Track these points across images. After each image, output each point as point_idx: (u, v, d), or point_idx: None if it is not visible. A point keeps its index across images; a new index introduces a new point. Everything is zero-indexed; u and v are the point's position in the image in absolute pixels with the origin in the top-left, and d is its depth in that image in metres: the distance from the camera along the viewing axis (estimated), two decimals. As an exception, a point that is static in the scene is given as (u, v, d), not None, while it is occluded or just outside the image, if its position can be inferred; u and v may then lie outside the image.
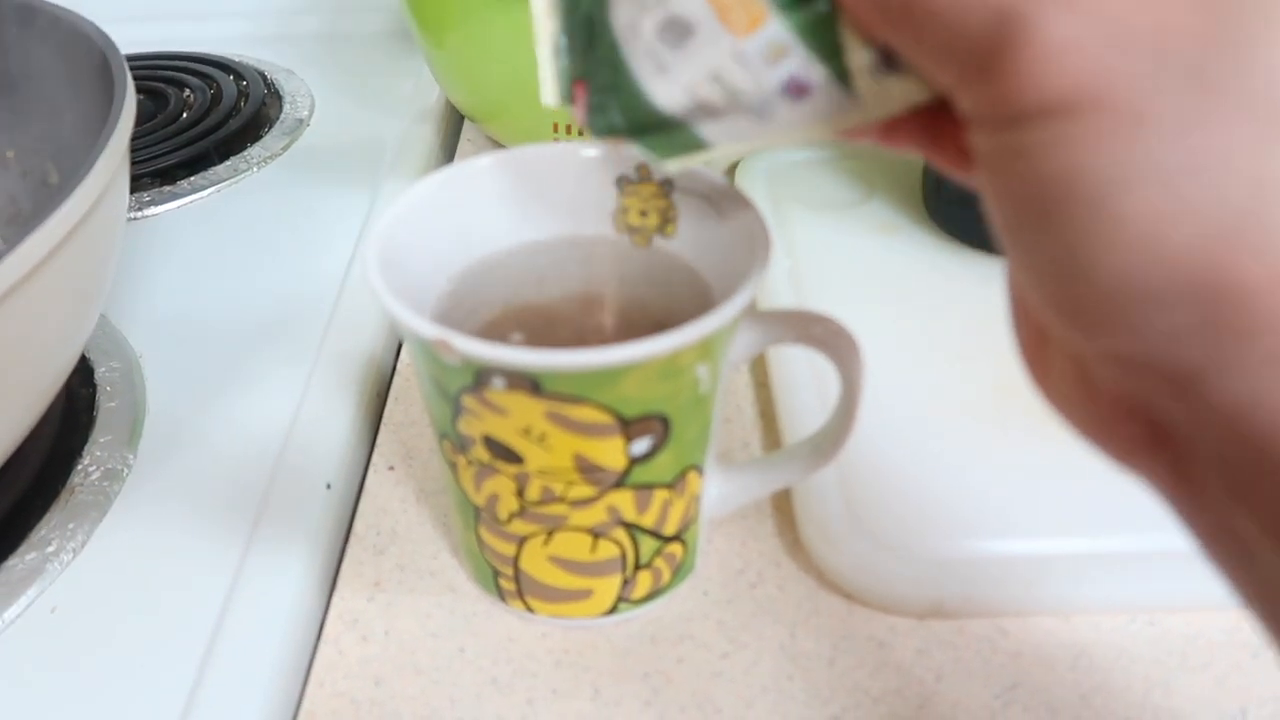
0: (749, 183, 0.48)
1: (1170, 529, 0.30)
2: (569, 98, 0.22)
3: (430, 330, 0.22)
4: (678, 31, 0.19)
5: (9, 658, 0.28)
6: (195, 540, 0.31)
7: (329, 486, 0.33)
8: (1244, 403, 0.14)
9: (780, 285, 0.41)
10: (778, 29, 0.18)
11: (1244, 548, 0.15)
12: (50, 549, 0.31)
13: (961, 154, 0.19)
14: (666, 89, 0.20)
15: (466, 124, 0.57)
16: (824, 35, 0.18)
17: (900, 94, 0.18)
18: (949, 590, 0.29)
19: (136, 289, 0.43)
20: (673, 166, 0.21)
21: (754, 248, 0.24)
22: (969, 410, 0.35)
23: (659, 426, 0.24)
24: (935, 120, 0.19)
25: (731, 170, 0.50)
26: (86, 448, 0.35)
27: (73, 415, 0.36)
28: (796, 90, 0.19)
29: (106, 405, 0.37)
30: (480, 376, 0.22)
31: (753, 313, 0.25)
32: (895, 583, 0.29)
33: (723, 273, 0.26)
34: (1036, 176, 0.15)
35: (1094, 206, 0.14)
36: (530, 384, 0.22)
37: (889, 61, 0.18)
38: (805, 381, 0.35)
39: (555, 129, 0.47)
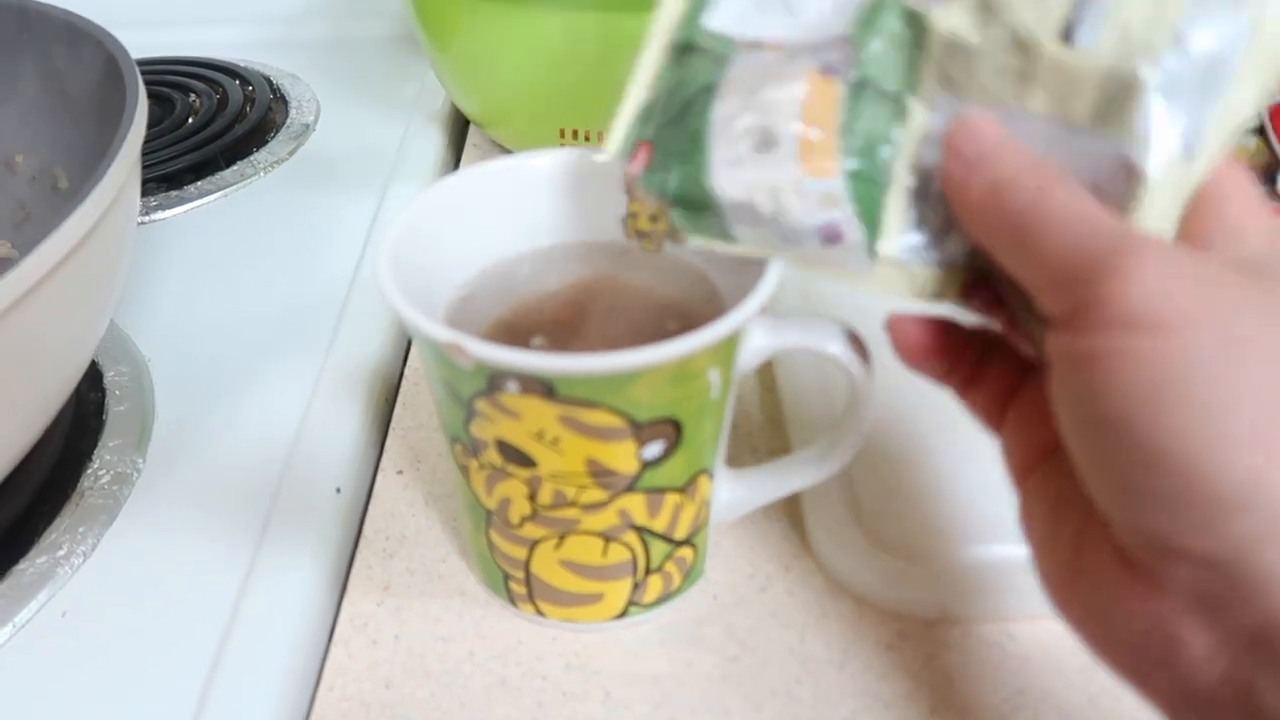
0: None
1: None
2: (628, 154, 0.24)
3: (444, 334, 0.22)
4: (764, 141, 0.22)
5: (20, 662, 0.28)
6: (205, 543, 0.31)
7: (338, 490, 0.33)
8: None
9: (789, 286, 0.41)
10: (839, 186, 0.21)
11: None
12: (60, 553, 0.31)
13: (993, 404, 0.23)
14: (729, 180, 0.22)
15: (472, 129, 0.57)
16: (874, 210, 0.21)
17: (910, 284, 0.22)
18: (958, 595, 0.29)
19: (144, 294, 0.43)
20: (695, 243, 0.24)
21: (765, 253, 0.25)
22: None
23: (671, 431, 0.24)
24: (977, 371, 0.23)
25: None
26: (96, 452, 0.35)
27: (82, 419, 0.36)
28: (829, 236, 0.22)
29: (115, 409, 0.37)
30: (493, 380, 0.22)
31: (764, 317, 0.25)
32: (904, 587, 0.29)
33: (734, 277, 0.27)
34: (1119, 380, 0.17)
35: (1164, 413, 0.16)
36: (544, 388, 0.22)
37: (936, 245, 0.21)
38: (813, 386, 0.36)
39: (562, 134, 0.47)
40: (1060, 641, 0.28)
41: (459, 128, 0.58)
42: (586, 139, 0.47)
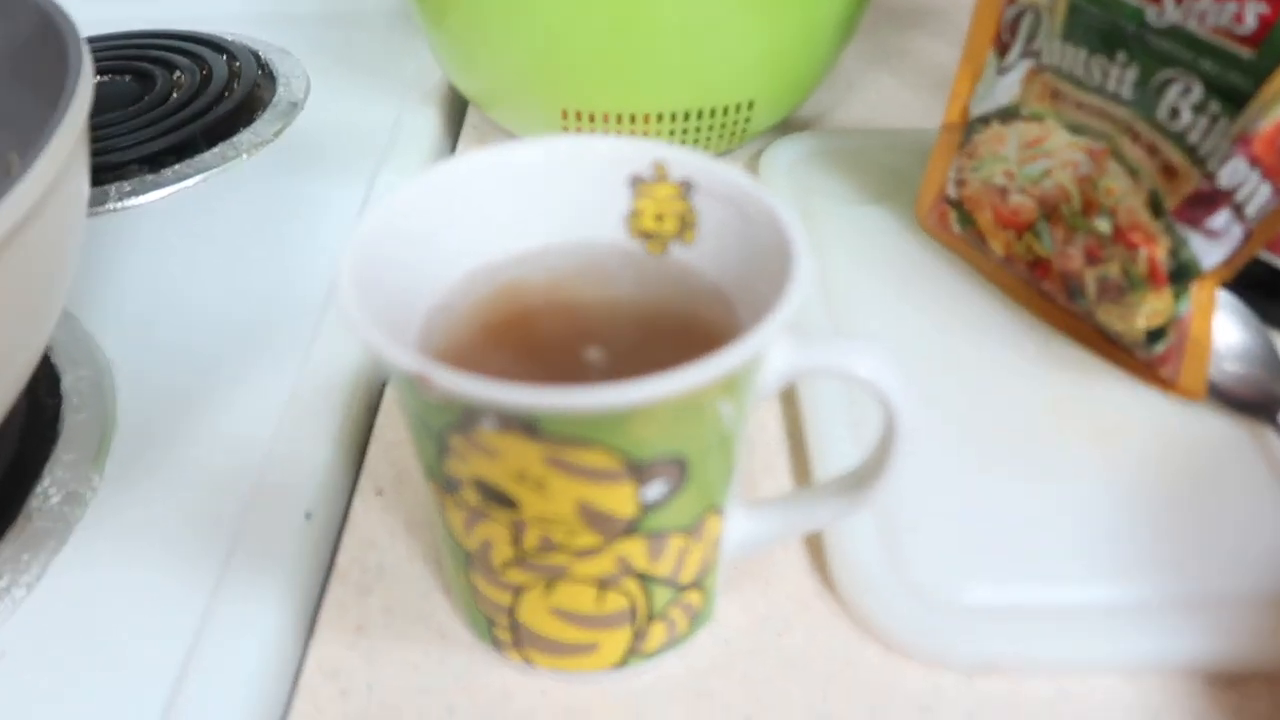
0: (770, 175, 0.44)
1: (1255, 573, 0.26)
2: None
3: (409, 361, 0.19)
4: None
5: (-50, 709, 0.25)
6: (161, 577, 0.28)
7: (309, 516, 0.30)
8: None
9: (807, 291, 0.37)
10: None
11: None
12: (1, 584, 0.28)
13: None
14: None
15: (471, 109, 0.54)
16: None
17: None
18: (1002, 644, 0.26)
19: (112, 287, 0.40)
20: None
21: (786, 264, 0.21)
22: (1023, 436, 0.32)
23: (675, 469, 0.21)
24: None
25: (754, 162, 0.47)
26: (48, 467, 0.32)
27: (35, 429, 0.33)
28: None
29: (73, 418, 0.34)
30: (468, 415, 0.19)
31: (785, 336, 0.22)
32: (941, 634, 0.26)
33: (749, 289, 0.23)
34: None
35: None
36: (526, 425, 0.19)
37: None
38: (836, 400, 0.32)
39: (564, 116, 0.43)
40: (1119, 699, 0.25)
41: (457, 108, 0.54)
42: (591, 120, 0.43)
